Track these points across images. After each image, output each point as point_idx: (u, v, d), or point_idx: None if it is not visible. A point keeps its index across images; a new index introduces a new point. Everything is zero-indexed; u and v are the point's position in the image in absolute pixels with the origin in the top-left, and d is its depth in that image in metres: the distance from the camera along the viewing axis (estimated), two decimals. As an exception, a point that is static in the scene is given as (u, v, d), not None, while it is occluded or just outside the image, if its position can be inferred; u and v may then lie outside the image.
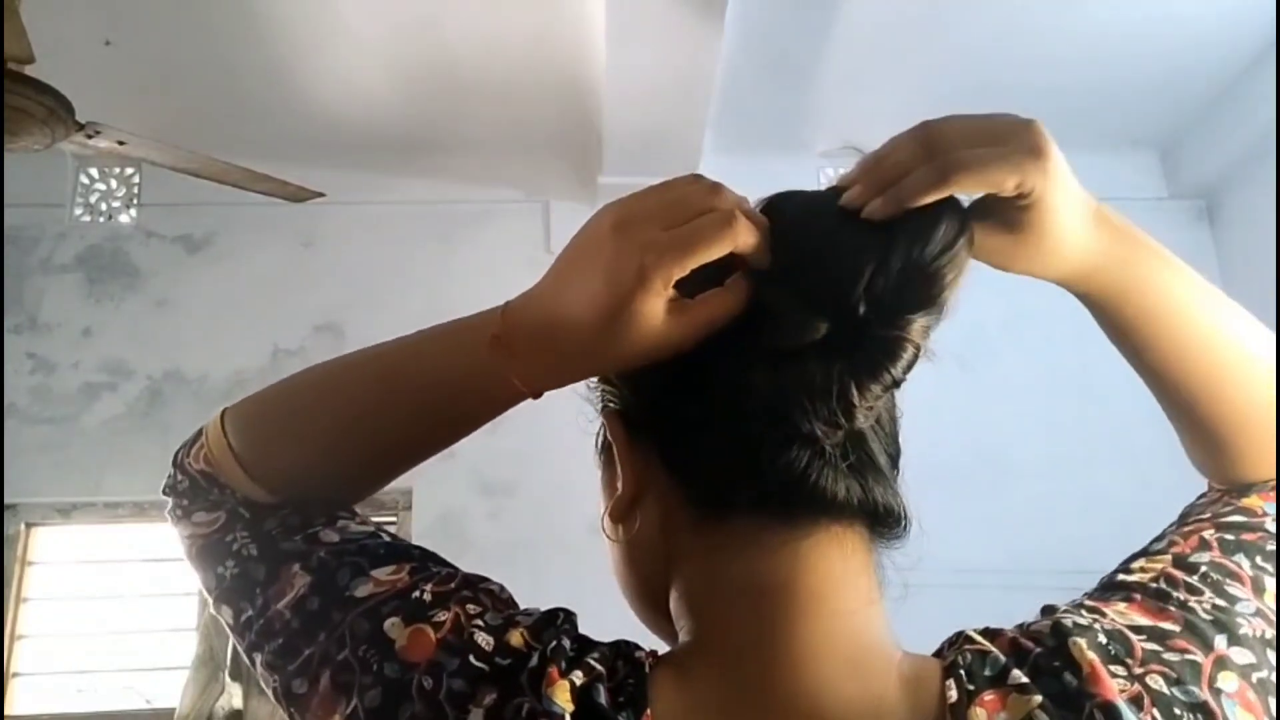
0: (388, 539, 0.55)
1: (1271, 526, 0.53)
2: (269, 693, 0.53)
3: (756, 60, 2.49)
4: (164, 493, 0.59)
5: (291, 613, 0.51)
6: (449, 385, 0.53)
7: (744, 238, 0.46)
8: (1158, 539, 0.56)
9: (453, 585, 0.51)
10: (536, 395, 0.52)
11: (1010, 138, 0.47)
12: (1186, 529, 0.55)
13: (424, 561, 0.53)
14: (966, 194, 0.47)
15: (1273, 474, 0.56)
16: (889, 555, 0.51)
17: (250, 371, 2.77)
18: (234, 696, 2.51)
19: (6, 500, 2.63)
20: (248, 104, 2.65)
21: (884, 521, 0.49)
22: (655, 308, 0.46)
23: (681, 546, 0.50)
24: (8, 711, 2.58)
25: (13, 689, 2.60)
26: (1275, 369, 0.54)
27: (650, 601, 0.53)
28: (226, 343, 2.82)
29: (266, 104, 2.65)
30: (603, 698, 0.45)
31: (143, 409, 2.78)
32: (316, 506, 0.57)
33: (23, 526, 2.73)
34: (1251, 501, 0.56)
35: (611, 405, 0.55)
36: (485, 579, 0.53)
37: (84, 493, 2.73)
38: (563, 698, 0.44)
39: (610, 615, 0.66)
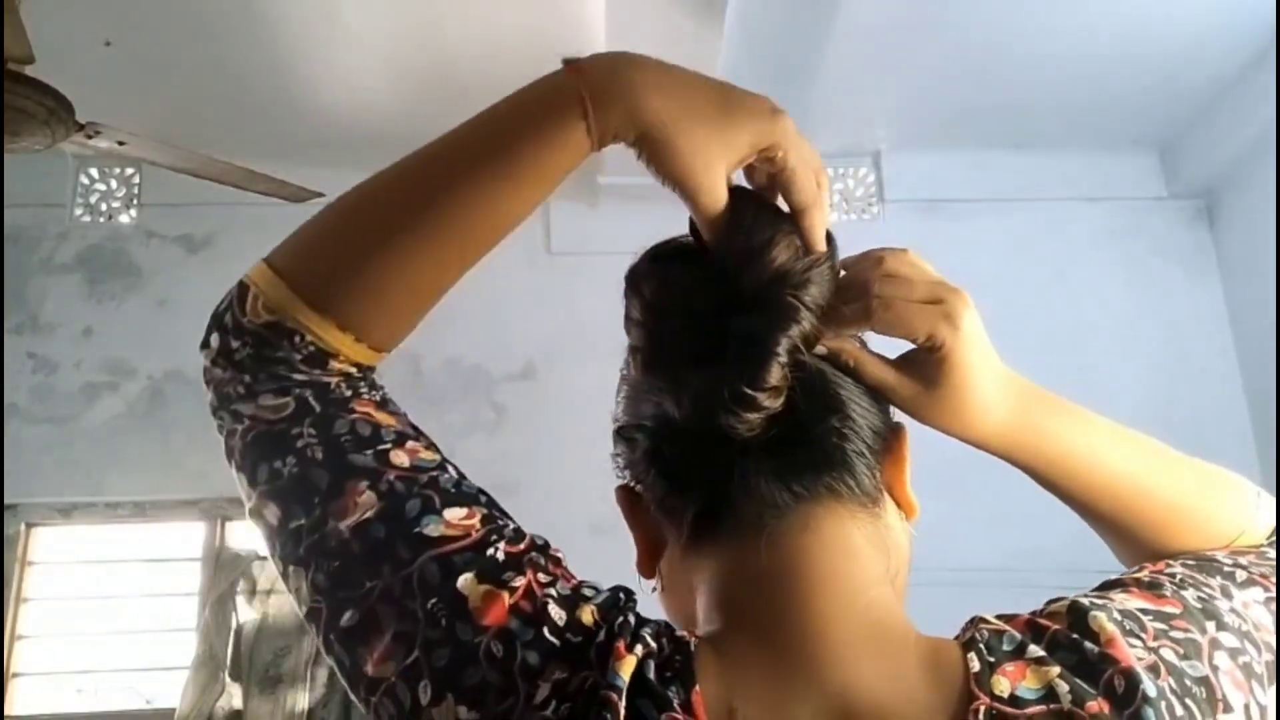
0: (454, 475, 0.54)
1: (1223, 559, 0.57)
2: (302, 611, 0.51)
3: (756, 60, 2.49)
4: (212, 363, 0.55)
5: (351, 534, 0.49)
6: (519, 132, 0.53)
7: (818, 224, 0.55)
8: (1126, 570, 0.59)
9: (523, 546, 0.51)
10: (600, 142, 0.53)
11: (943, 299, 0.52)
12: (1149, 562, 0.58)
13: (491, 510, 0.53)
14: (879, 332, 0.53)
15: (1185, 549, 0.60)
16: None
17: (250, 371, 2.77)
18: (234, 697, 2.51)
19: (6, 500, 2.63)
20: (248, 104, 2.65)
21: (843, 503, 0.51)
22: (739, 153, 0.53)
23: (696, 569, 0.53)
24: (8, 711, 2.58)
25: (13, 689, 2.60)
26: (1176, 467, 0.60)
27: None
28: (227, 343, 2.81)
29: (266, 104, 2.65)
30: (651, 673, 0.46)
31: (144, 409, 2.78)
32: (395, 327, 0.55)
33: (23, 526, 2.73)
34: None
35: (617, 478, 0.58)
36: (548, 543, 0.53)
37: (84, 493, 2.73)
38: (627, 672, 0.45)
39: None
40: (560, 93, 0.52)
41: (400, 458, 0.52)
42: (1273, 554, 0.58)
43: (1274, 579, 0.55)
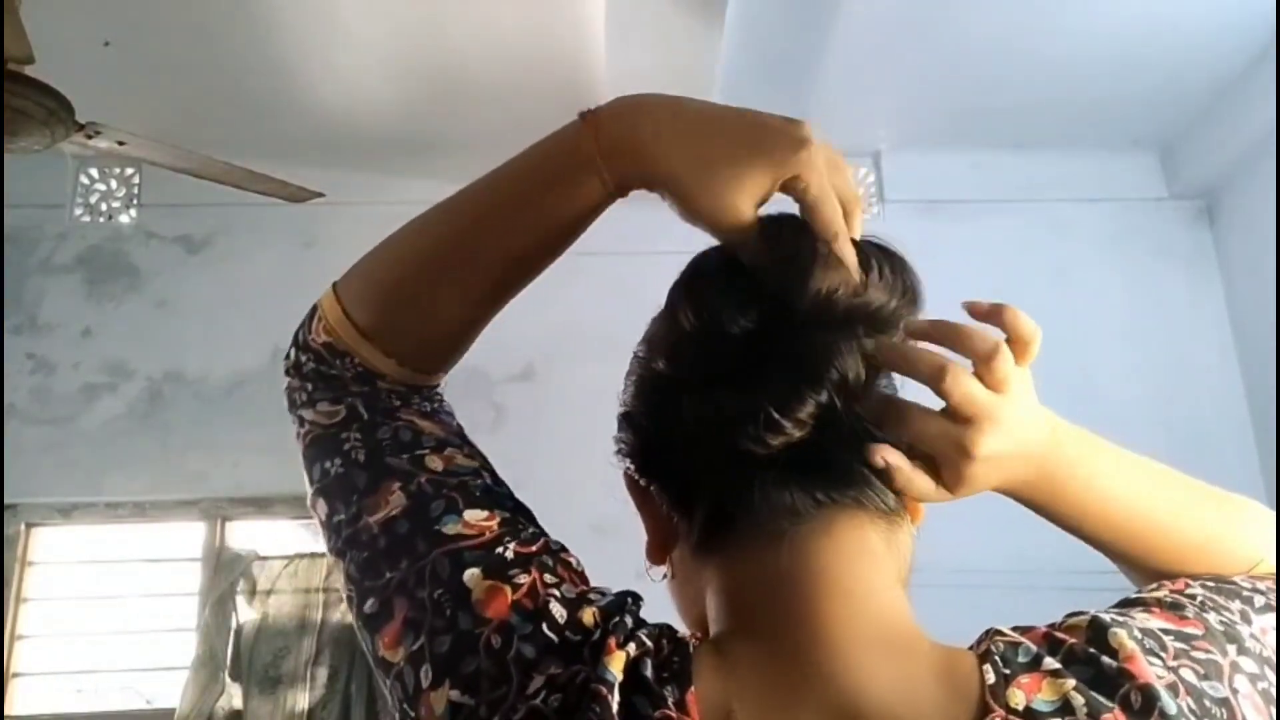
0: (488, 480, 0.57)
1: (1243, 582, 0.56)
2: (344, 597, 0.55)
3: (756, 60, 2.49)
4: (286, 374, 0.62)
5: (380, 529, 0.53)
6: (536, 185, 0.58)
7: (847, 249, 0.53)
8: (1144, 587, 0.58)
9: (534, 548, 0.53)
10: (617, 187, 0.56)
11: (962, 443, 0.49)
12: (1168, 581, 0.57)
13: (515, 514, 0.56)
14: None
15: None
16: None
17: (251, 372, 2.77)
18: (234, 697, 2.51)
19: (6, 500, 2.63)
20: (248, 104, 2.65)
21: (866, 512, 0.50)
22: (761, 189, 0.53)
23: (707, 565, 0.53)
24: (8, 711, 2.58)
25: (13, 689, 2.60)
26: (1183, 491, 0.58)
27: (704, 623, 0.55)
28: (227, 343, 2.82)
29: (266, 104, 2.64)
30: (649, 671, 0.47)
31: (143, 409, 2.78)
32: (433, 359, 0.61)
33: (23, 526, 2.73)
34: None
35: (625, 467, 0.58)
36: (565, 548, 0.55)
37: (84, 493, 2.73)
38: (616, 667, 0.46)
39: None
40: (574, 149, 0.56)
41: (435, 463, 0.56)
42: None
43: (1276, 597, 0.55)
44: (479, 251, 0.58)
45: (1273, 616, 0.54)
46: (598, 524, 2.56)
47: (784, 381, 0.48)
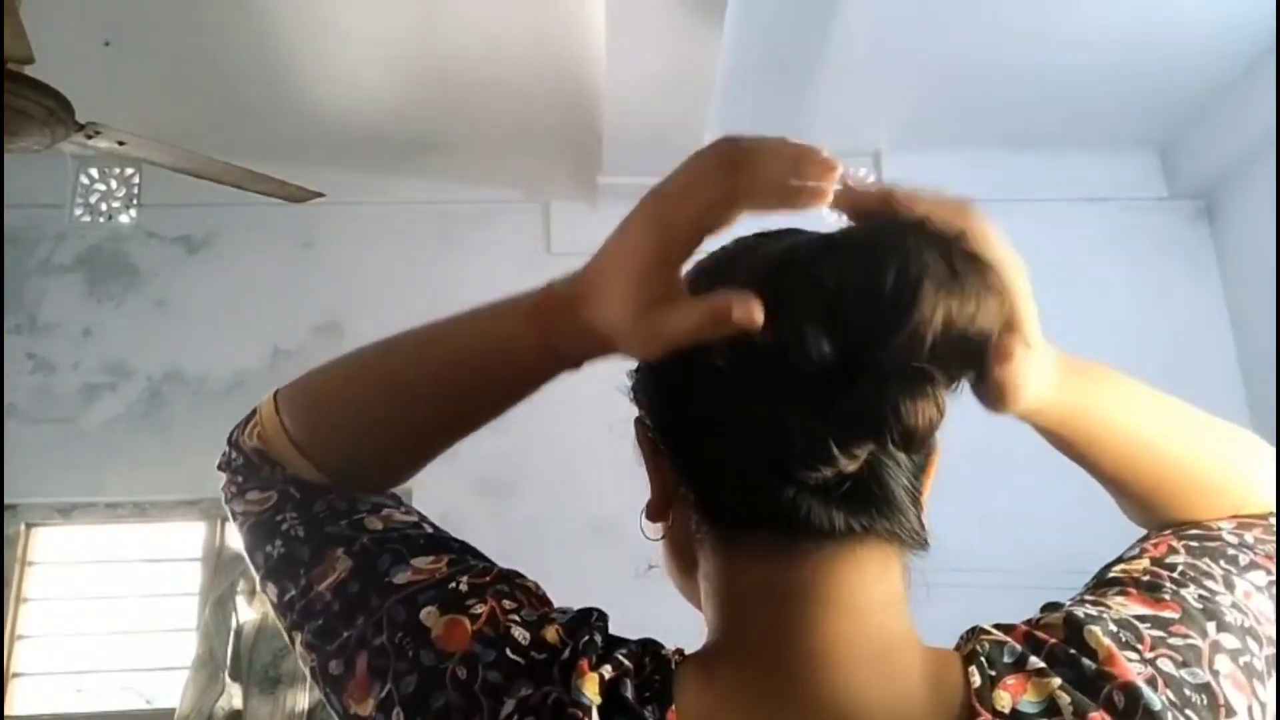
0: (430, 530, 0.57)
1: (1229, 537, 0.56)
2: (306, 671, 0.54)
3: (756, 60, 2.49)
4: (219, 469, 0.62)
5: (332, 595, 0.53)
6: (484, 355, 0.56)
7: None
8: (1127, 551, 0.59)
9: (488, 578, 0.53)
10: (571, 362, 0.53)
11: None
12: (1151, 541, 0.58)
13: (462, 554, 0.55)
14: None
15: (1199, 517, 0.59)
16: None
17: (250, 372, 2.77)
18: (234, 697, 2.51)
19: (6, 500, 2.63)
20: (248, 104, 2.65)
21: (894, 541, 0.48)
22: (670, 286, 0.46)
23: (705, 550, 0.51)
24: (8, 711, 2.58)
25: (13, 689, 2.60)
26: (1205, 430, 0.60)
27: (696, 588, 0.54)
28: (226, 343, 2.82)
29: (266, 104, 2.65)
30: (629, 693, 0.46)
31: (142, 409, 2.78)
32: (365, 486, 0.59)
33: (23, 526, 2.73)
34: (1202, 522, 0.59)
35: (639, 414, 0.55)
36: (521, 575, 0.55)
37: (84, 493, 2.73)
38: (591, 690, 0.45)
39: (611, 615, 0.66)
40: (525, 305, 0.53)
41: (374, 523, 0.56)
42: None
43: (1275, 561, 0.55)
44: (410, 392, 0.57)
45: (1259, 574, 0.54)
46: (597, 524, 2.56)
47: (850, 417, 0.44)
